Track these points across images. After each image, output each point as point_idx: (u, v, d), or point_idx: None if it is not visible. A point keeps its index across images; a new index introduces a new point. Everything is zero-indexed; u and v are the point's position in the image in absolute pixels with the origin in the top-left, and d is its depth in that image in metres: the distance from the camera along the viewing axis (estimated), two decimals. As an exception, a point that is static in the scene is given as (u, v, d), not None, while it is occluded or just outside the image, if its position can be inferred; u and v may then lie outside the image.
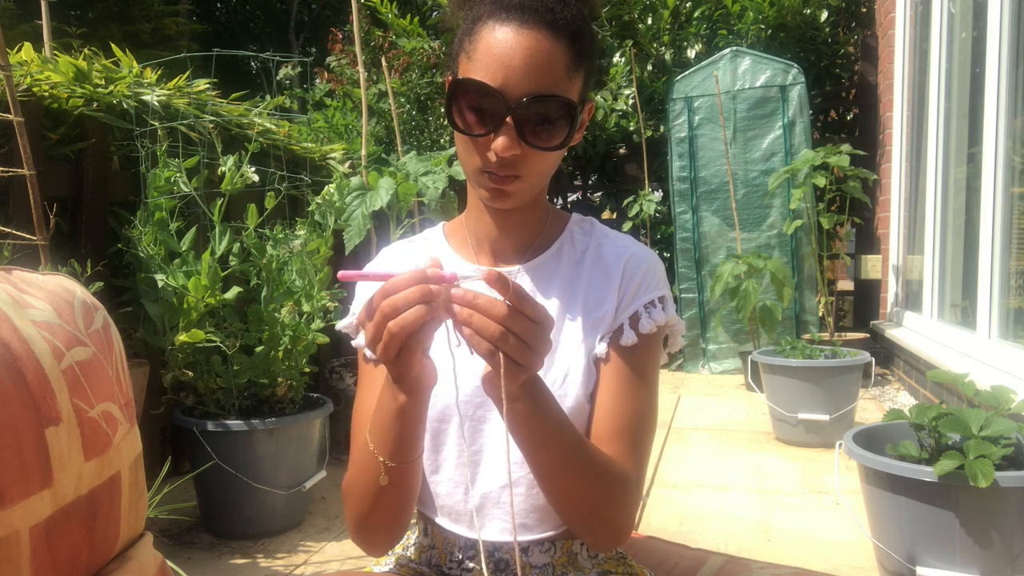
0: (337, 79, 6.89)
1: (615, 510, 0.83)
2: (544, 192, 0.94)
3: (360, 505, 0.84)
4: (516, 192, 0.85)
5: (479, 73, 0.79)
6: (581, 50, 0.81)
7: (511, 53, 0.78)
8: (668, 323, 0.91)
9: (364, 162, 2.89)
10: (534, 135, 0.80)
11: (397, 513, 0.85)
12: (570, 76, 0.80)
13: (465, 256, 0.96)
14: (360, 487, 0.83)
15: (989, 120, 3.00)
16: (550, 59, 0.79)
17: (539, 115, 0.80)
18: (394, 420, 0.76)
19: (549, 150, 0.82)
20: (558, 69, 0.79)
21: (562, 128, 0.81)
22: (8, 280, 0.66)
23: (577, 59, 0.81)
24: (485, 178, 0.84)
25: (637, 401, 0.88)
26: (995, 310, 2.97)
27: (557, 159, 0.86)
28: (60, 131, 2.32)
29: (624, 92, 5.40)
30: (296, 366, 2.33)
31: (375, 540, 0.87)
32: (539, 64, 0.78)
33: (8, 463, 0.55)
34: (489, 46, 0.79)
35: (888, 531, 1.67)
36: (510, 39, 0.78)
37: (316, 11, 15.13)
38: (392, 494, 0.82)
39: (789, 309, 4.51)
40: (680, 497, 2.51)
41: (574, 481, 0.80)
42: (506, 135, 0.79)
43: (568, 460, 0.79)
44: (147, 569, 0.71)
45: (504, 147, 0.79)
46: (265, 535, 2.24)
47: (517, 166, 0.82)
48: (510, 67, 0.78)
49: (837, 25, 5.36)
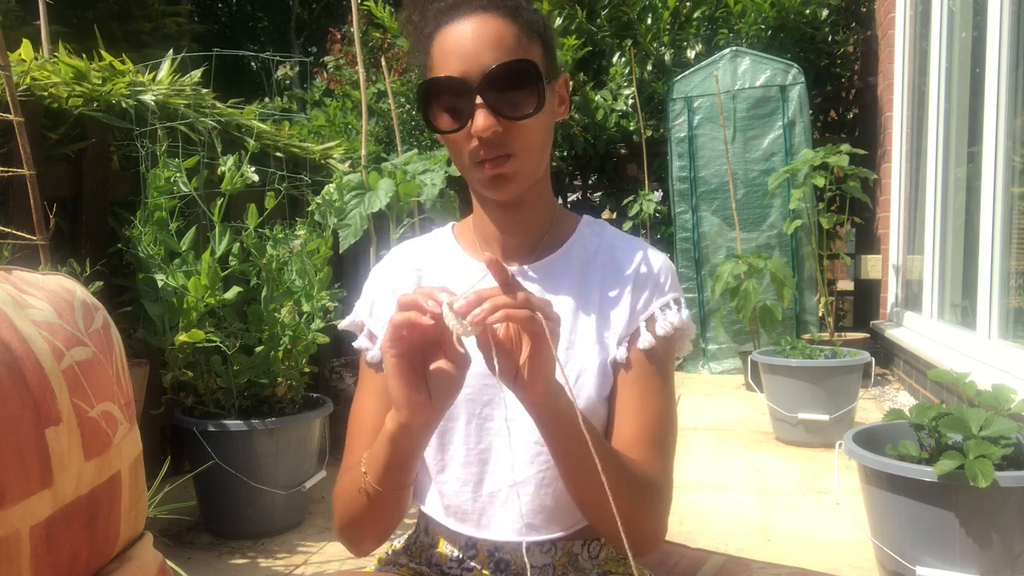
0: (336, 79, 6.89)
1: (647, 516, 0.84)
2: (547, 187, 0.94)
3: (345, 514, 0.87)
4: (514, 173, 0.84)
5: (439, 73, 0.82)
6: (526, 22, 0.84)
7: (460, 42, 0.81)
8: (683, 325, 0.91)
9: (364, 162, 2.89)
10: (507, 107, 0.81)
11: (381, 527, 0.87)
12: (523, 44, 0.82)
13: (474, 256, 0.96)
14: (347, 498, 0.86)
15: (989, 120, 3.00)
16: (498, 33, 0.81)
17: (505, 85, 0.81)
18: (388, 443, 0.77)
19: (526, 117, 0.82)
20: (508, 39, 0.81)
21: (531, 93, 0.82)
22: (8, 280, 0.66)
23: (526, 30, 0.83)
24: (480, 169, 0.84)
25: (659, 405, 0.88)
26: (995, 310, 2.97)
27: (545, 132, 0.87)
28: (60, 131, 2.32)
29: (624, 92, 5.40)
30: (296, 366, 2.33)
31: (361, 543, 0.90)
32: (489, 40, 0.81)
33: (8, 463, 0.55)
34: (442, 50, 0.82)
35: (888, 531, 1.67)
36: (456, 33, 0.82)
37: (316, 11, 15.14)
38: (376, 513, 0.84)
39: (789, 309, 4.50)
40: (680, 497, 2.51)
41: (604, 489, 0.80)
42: (481, 114, 0.80)
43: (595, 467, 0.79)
44: (147, 569, 0.71)
45: (483, 127, 0.80)
46: (265, 535, 2.24)
47: (504, 143, 0.82)
48: (464, 55, 0.81)
49: (837, 25, 5.36)
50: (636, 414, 0.87)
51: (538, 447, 0.87)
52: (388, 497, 0.82)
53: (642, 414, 0.87)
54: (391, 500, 0.82)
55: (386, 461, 0.78)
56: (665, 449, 0.88)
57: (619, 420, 0.88)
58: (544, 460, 0.87)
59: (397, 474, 0.79)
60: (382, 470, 0.79)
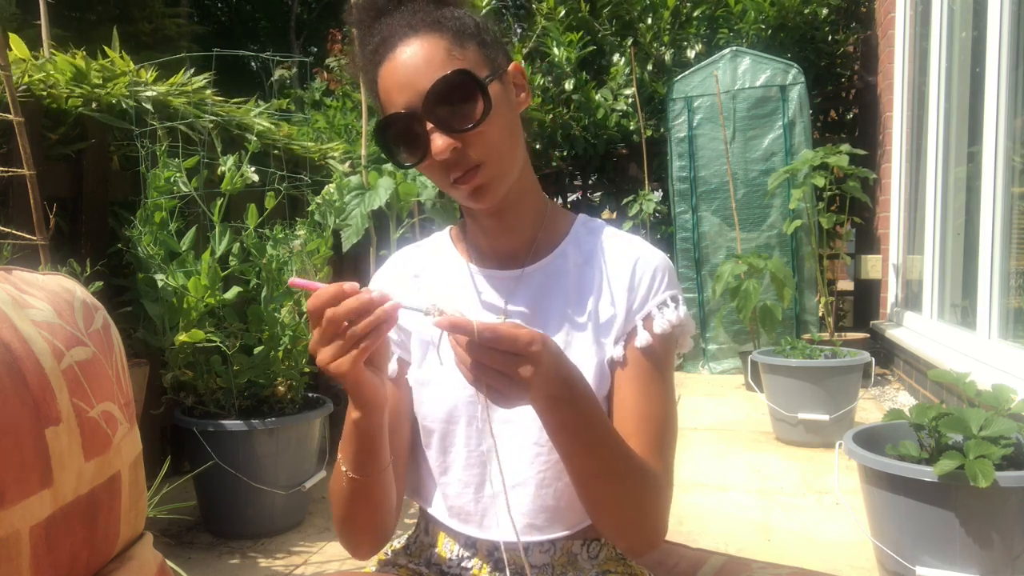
0: (336, 79, 6.89)
1: (650, 515, 0.84)
2: (532, 185, 0.93)
3: (338, 509, 0.88)
4: (488, 180, 0.84)
5: (388, 111, 0.84)
6: (453, 30, 0.83)
7: (395, 76, 0.82)
8: (681, 322, 0.91)
9: (364, 162, 2.89)
10: (456, 120, 0.81)
11: (372, 520, 0.88)
12: (455, 55, 0.82)
13: (471, 261, 0.96)
14: (336, 493, 0.87)
15: (989, 120, 3.00)
16: (426, 54, 0.81)
17: (447, 101, 0.80)
18: (351, 435, 0.80)
19: (479, 124, 0.81)
20: (437, 55, 0.81)
21: (474, 100, 0.81)
22: (8, 280, 0.66)
23: (455, 38, 0.82)
24: (457, 187, 0.84)
25: (658, 403, 0.88)
26: (995, 310, 2.97)
27: (508, 131, 0.85)
28: (60, 131, 2.32)
29: (624, 92, 5.40)
30: (296, 366, 2.33)
31: (358, 544, 0.91)
32: (420, 64, 0.81)
33: (8, 463, 0.55)
34: (384, 89, 0.84)
35: (888, 531, 1.67)
36: (390, 68, 0.82)
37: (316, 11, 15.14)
38: (362, 503, 0.85)
39: (789, 309, 4.50)
40: (680, 497, 2.51)
41: (614, 488, 0.81)
42: (435, 138, 0.80)
43: (611, 468, 0.80)
44: (147, 569, 0.71)
45: (439, 149, 0.80)
46: (265, 535, 2.24)
47: (467, 157, 0.82)
48: (402, 86, 0.81)
49: (837, 25, 5.36)
50: (635, 412, 0.87)
51: (537, 448, 0.88)
52: (367, 485, 0.83)
53: (641, 412, 0.87)
54: (372, 489, 0.84)
55: (356, 449, 0.81)
56: (665, 447, 0.88)
57: (618, 419, 0.88)
58: (544, 461, 0.87)
59: (369, 460, 0.82)
60: (353, 458, 0.82)
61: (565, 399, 0.75)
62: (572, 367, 0.76)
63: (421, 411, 0.93)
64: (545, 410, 0.75)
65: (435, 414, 0.91)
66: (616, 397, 0.89)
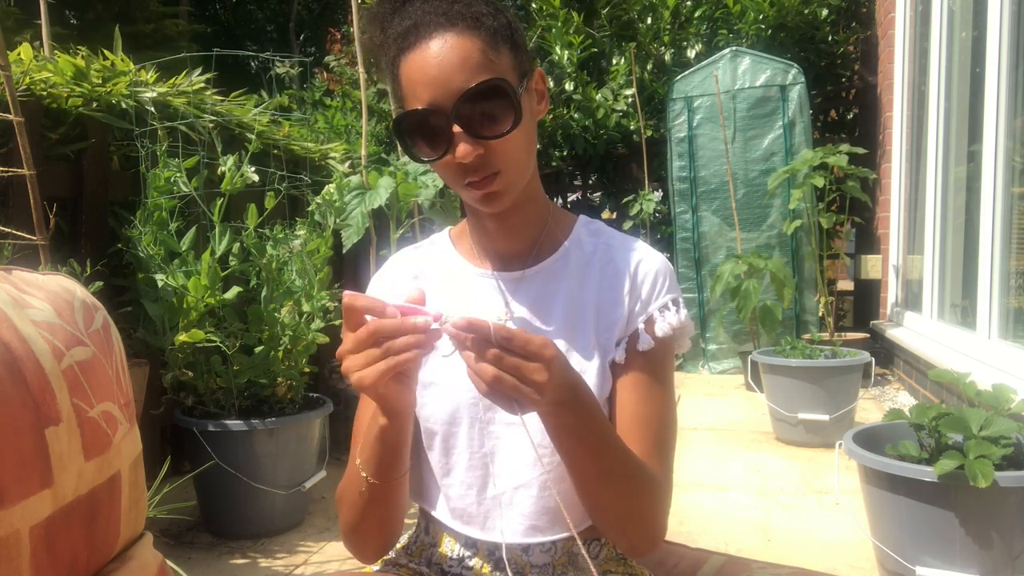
0: (336, 79, 6.88)
1: (650, 516, 0.85)
2: (537, 188, 0.93)
3: (349, 515, 0.88)
4: (503, 188, 0.84)
5: (411, 103, 0.81)
6: (490, 29, 0.81)
7: (426, 69, 0.79)
8: (682, 325, 0.91)
9: (364, 162, 2.88)
10: (485, 127, 0.80)
11: (384, 525, 0.88)
12: (490, 57, 0.80)
13: (471, 262, 0.96)
14: (349, 498, 0.87)
15: (989, 120, 3.00)
16: (462, 53, 0.79)
17: (479, 107, 0.79)
18: (376, 441, 0.81)
19: (505, 135, 0.81)
20: (474, 57, 0.79)
21: (507, 109, 0.80)
22: (8, 280, 0.66)
23: (490, 39, 0.80)
24: (469, 189, 0.84)
25: (659, 405, 0.89)
26: (995, 310, 2.97)
27: (527, 140, 0.85)
28: (60, 131, 2.32)
29: (624, 92, 5.40)
30: (296, 366, 2.33)
31: (365, 549, 0.91)
32: (454, 63, 0.78)
33: (8, 463, 0.55)
34: (410, 79, 0.81)
35: (888, 531, 1.67)
36: (420, 59, 0.79)
37: (316, 11, 15.14)
38: (378, 508, 0.85)
39: (789, 309, 4.50)
40: (680, 497, 2.51)
41: (614, 490, 0.82)
42: (461, 142, 0.79)
43: (612, 470, 0.81)
44: (147, 569, 0.71)
45: (464, 153, 0.79)
46: (265, 535, 2.24)
47: (489, 163, 0.81)
48: (432, 82, 0.79)
49: (837, 25, 5.36)
50: (635, 415, 0.88)
51: (540, 449, 0.88)
52: (387, 490, 0.84)
53: (642, 415, 0.88)
54: (390, 493, 0.84)
55: (379, 454, 0.81)
56: (665, 449, 0.88)
57: (619, 420, 0.88)
58: (547, 462, 0.88)
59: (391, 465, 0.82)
60: (377, 463, 0.82)
61: (570, 403, 0.75)
62: (575, 372, 0.77)
63: (424, 413, 0.92)
64: (550, 414, 0.75)
65: (438, 416, 0.91)
66: (617, 399, 0.89)
